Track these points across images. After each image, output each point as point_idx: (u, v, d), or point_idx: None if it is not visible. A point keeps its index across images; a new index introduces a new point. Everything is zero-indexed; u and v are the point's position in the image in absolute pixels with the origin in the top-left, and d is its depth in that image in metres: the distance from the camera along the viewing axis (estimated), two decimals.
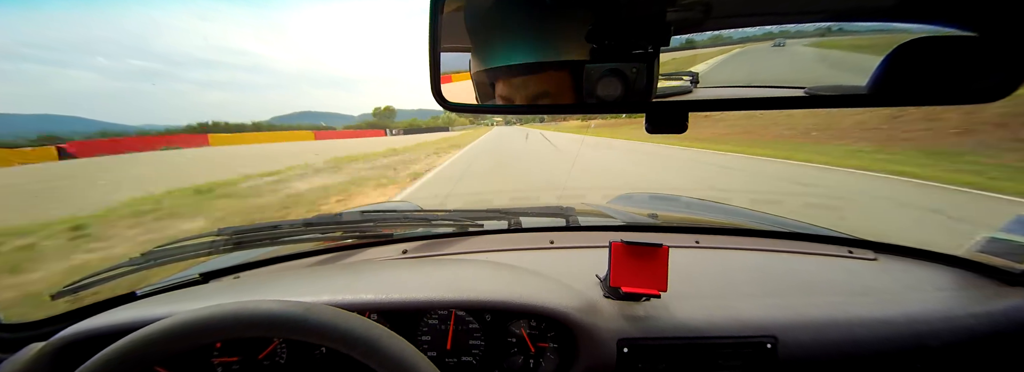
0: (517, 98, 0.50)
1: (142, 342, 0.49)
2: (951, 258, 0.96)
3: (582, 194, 5.66)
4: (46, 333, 0.73)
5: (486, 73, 0.51)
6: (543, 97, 0.49)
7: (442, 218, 1.15)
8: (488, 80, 0.51)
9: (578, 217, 1.21)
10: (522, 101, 0.50)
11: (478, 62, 0.51)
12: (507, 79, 0.51)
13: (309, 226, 1.06)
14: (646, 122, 0.48)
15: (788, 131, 14.91)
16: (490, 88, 0.52)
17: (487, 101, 0.53)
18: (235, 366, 0.78)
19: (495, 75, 0.51)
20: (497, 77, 0.51)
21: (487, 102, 0.53)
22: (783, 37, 0.43)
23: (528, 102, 0.50)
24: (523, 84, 0.50)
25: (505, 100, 0.51)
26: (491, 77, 0.51)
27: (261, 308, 0.51)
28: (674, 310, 0.77)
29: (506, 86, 0.51)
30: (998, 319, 0.77)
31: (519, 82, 0.50)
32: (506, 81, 0.51)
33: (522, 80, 0.50)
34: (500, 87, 0.51)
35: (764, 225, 1.29)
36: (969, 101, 0.42)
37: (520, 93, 0.50)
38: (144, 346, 0.49)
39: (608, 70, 0.45)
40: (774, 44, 0.43)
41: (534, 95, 0.50)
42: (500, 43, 0.50)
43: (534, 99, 0.50)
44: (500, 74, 0.51)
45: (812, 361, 0.75)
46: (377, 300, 0.74)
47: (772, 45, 0.43)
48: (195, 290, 0.89)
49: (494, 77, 0.51)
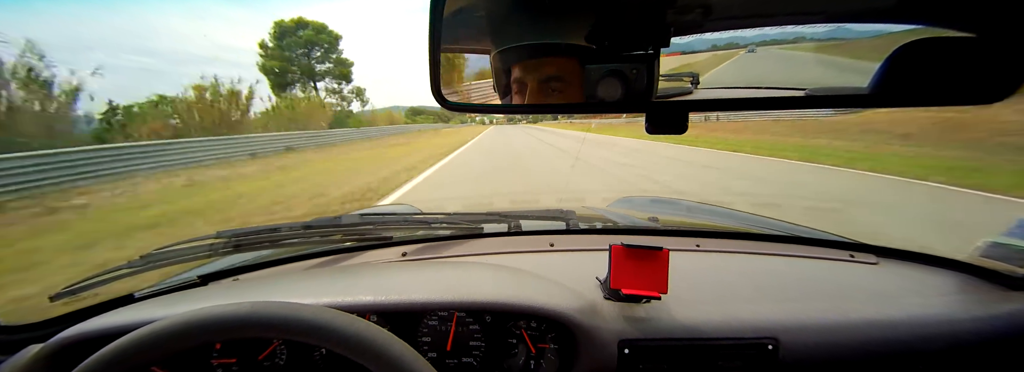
0: (530, 81, 0.53)
1: (138, 343, 0.49)
2: (953, 262, 0.95)
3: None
4: (45, 335, 0.73)
5: (500, 57, 0.54)
6: (555, 81, 0.52)
7: (442, 221, 1.15)
8: (503, 66, 0.54)
9: (578, 220, 1.21)
10: (534, 84, 0.53)
11: (494, 46, 0.54)
12: (522, 63, 0.53)
13: (308, 229, 1.06)
14: (646, 122, 0.48)
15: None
16: (505, 76, 0.54)
17: (504, 91, 0.55)
18: (234, 367, 0.78)
19: (509, 59, 0.54)
20: (512, 61, 0.54)
21: (504, 94, 0.55)
22: (784, 39, 0.43)
23: (540, 86, 0.52)
24: (537, 67, 0.52)
25: (519, 83, 0.53)
26: (506, 61, 0.54)
27: (256, 309, 0.51)
28: (675, 312, 0.77)
29: (520, 70, 0.53)
30: (1000, 324, 0.76)
31: (533, 65, 0.53)
32: (521, 65, 0.53)
33: (536, 63, 0.52)
34: (515, 71, 0.54)
35: (765, 229, 1.29)
36: (970, 102, 0.42)
37: (532, 76, 0.52)
38: (140, 348, 0.49)
39: (609, 71, 0.45)
40: (747, 51, 0.44)
41: (548, 78, 0.52)
42: (517, 26, 0.52)
43: (547, 82, 0.52)
44: (513, 57, 0.53)
45: (813, 363, 0.74)
46: (376, 302, 0.73)
47: (746, 51, 0.44)
48: (194, 292, 0.89)
49: (509, 61, 0.54)
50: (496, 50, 0.54)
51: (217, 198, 6.65)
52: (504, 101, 0.55)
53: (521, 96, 0.53)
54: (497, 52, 0.54)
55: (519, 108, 0.53)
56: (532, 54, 0.52)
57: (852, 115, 15.30)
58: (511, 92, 0.54)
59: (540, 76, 0.52)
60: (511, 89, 0.54)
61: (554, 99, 0.51)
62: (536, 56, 0.52)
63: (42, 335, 0.74)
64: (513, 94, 0.54)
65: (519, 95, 0.53)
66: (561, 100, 0.51)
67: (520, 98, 0.53)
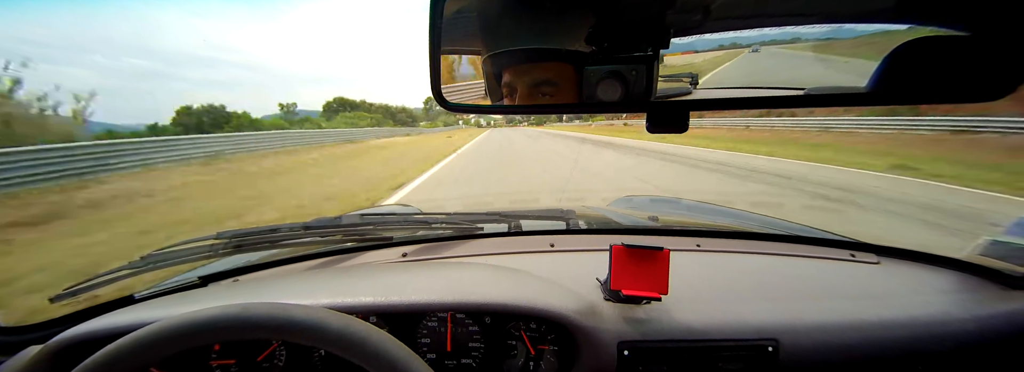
0: (520, 85, 0.52)
1: (135, 345, 0.49)
2: (954, 261, 0.95)
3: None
4: (44, 336, 0.73)
5: (491, 61, 0.53)
6: (546, 85, 0.51)
7: (442, 221, 1.15)
8: (494, 70, 0.53)
9: (578, 220, 1.21)
10: (524, 89, 0.52)
11: (485, 50, 0.54)
12: (512, 67, 0.53)
13: (308, 229, 1.06)
14: (647, 122, 0.48)
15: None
16: (496, 80, 0.53)
17: (495, 95, 0.55)
18: (233, 368, 0.78)
19: (500, 63, 0.53)
20: (503, 65, 0.53)
21: (495, 98, 0.55)
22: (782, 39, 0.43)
23: (529, 90, 0.52)
24: (527, 71, 0.52)
25: (509, 88, 0.53)
26: (497, 65, 0.53)
27: (253, 311, 0.51)
28: (675, 313, 0.77)
29: (510, 74, 0.53)
30: (1001, 323, 0.76)
31: (524, 69, 0.52)
32: (512, 69, 0.53)
33: (527, 67, 0.52)
34: (506, 76, 0.53)
35: (766, 228, 1.29)
36: (970, 100, 0.42)
37: (522, 80, 0.52)
38: (137, 349, 0.49)
39: (609, 72, 0.45)
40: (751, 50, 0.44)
41: (537, 82, 0.51)
42: (507, 31, 0.52)
43: (537, 86, 0.52)
44: (504, 61, 0.53)
45: (814, 364, 0.74)
46: (376, 303, 0.73)
47: (750, 51, 0.44)
48: (194, 293, 0.89)
49: (500, 65, 0.53)
50: (487, 54, 0.54)
51: None
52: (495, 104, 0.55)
53: (511, 99, 0.53)
54: (488, 56, 0.54)
55: (519, 108, 0.53)
56: (523, 59, 0.52)
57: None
58: (502, 96, 0.54)
59: (530, 81, 0.52)
60: (502, 93, 0.54)
61: (544, 102, 0.51)
62: (527, 61, 0.52)
63: (42, 336, 0.74)
64: (504, 97, 0.54)
65: (509, 99, 0.53)
66: (562, 100, 0.50)
67: (511, 101, 0.53)
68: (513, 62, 0.52)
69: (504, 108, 0.55)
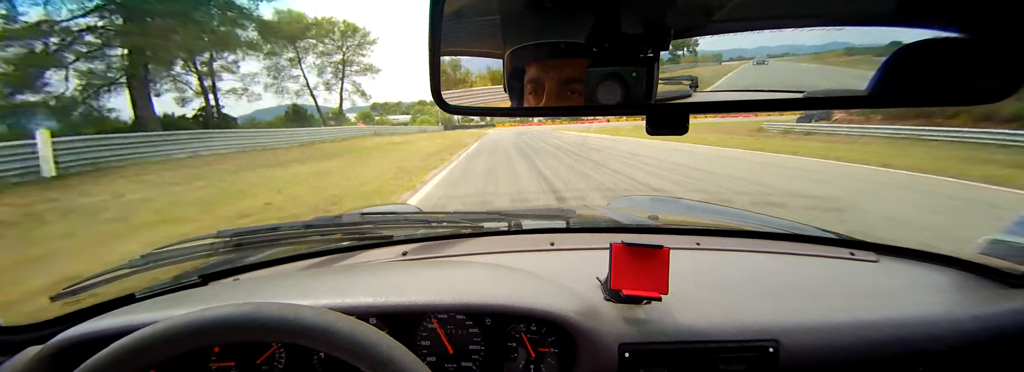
0: (549, 82, 0.52)
1: (134, 346, 0.49)
2: (953, 260, 0.95)
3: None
4: (45, 336, 0.72)
5: (518, 55, 0.53)
6: (576, 83, 0.50)
7: (442, 220, 1.15)
8: (516, 64, 0.53)
9: (578, 219, 1.21)
10: (554, 85, 0.52)
11: (508, 46, 0.54)
12: (541, 62, 0.52)
13: (309, 228, 1.06)
14: (647, 124, 0.48)
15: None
16: (517, 75, 0.53)
17: (515, 93, 0.54)
18: (232, 371, 0.78)
19: (523, 58, 0.53)
20: (526, 60, 0.53)
21: (515, 96, 0.54)
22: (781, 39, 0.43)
23: (559, 87, 0.51)
24: (559, 67, 0.51)
25: (534, 84, 0.52)
26: (522, 61, 0.53)
27: (251, 312, 0.51)
28: (676, 313, 0.77)
29: (539, 69, 0.52)
30: (1001, 321, 0.76)
31: (555, 64, 0.52)
32: (540, 64, 0.52)
33: (558, 63, 0.51)
34: (532, 71, 0.53)
35: (765, 227, 1.29)
36: (970, 102, 0.42)
37: (552, 76, 0.52)
38: (136, 350, 0.49)
39: (609, 74, 0.45)
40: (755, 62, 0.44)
41: (570, 79, 0.51)
42: (529, 26, 0.52)
43: (567, 83, 0.51)
44: (532, 56, 0.53)
45: (814, 365, 0.74)
46: (376, 303, 0.73)
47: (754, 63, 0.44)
48: (194, 292, 0.89)
49: (523, 60, 0.53)
50: (511, 49, 0.53)
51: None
52: (514, 103, 0.54)
53: (537, 97, 0.52)
54: (511, 50, 0.53)
55: (519, 111, 0.53)
56: (556, 54, 0.51)
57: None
58: (523, 93, 0.52)
59: (562, 77, 0.50)
60: (524, 90, 0.52)
61: (574, 101, 0.50)
62: (559, 56, 0.50)
63: (42, 336, 0.74)
64: (527, 95, 0.52)
65: (533, 96, 0.52)
66: (578, 103, 0.49)
67: (535, 99, 0.52)
68: (543, 57, 0.52)
69: (504, 110, 0.54)
